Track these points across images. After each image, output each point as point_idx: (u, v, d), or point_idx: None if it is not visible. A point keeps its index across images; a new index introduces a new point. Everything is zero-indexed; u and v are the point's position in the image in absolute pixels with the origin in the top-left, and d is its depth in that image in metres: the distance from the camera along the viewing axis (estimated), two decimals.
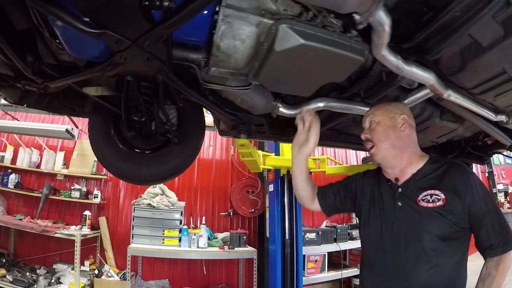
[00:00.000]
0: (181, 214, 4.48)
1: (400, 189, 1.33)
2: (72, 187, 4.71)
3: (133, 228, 4.28)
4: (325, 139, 2.45)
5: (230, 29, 1.11)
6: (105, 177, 4.91)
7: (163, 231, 4.31)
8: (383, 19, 0.98)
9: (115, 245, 4.71)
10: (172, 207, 4.53)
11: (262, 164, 3.93)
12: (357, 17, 1.00)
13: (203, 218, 4.69)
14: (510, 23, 0.98)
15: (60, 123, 4.91)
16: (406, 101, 1.57)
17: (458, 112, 1.73)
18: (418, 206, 1.25)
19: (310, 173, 4.80)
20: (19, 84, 1.57)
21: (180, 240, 4.34)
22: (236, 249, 4.43)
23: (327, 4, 1.00)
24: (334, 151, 6.20)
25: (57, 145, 5.12)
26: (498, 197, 8.60)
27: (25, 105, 1.84)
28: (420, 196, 1.26)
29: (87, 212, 4.48)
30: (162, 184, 4.72)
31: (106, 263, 4.45)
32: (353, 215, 6.16)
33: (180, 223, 4.42)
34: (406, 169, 1.36)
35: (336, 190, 1.59)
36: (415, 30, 1.14)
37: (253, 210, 5.24)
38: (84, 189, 4.77)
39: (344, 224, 5.58)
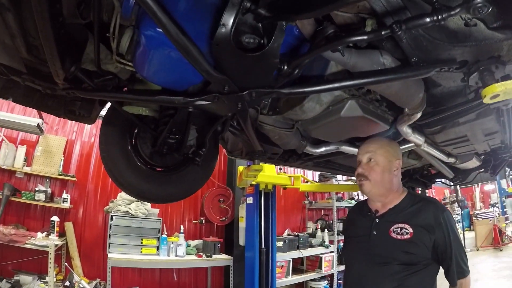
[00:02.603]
0: (160, 223, 4.42)
1: (377, 220, 1.56)
2: (36, 188, 4.30)
3: (110, 237, 4.11)
4: (316, 166, 2.91)
5: (319, 96, 1.46)
6: (73, 178, 4.59)
7: (141, 240, 4.23)
8: (418, 115, 1.55)
9: (82, 252, 4.46)
10: (149, 215, 4.45)
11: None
12: (406, 110, 1.53)
13: (181, 227, 4.69)
14: (481, 113, 1.59)
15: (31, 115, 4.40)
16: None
17: (421, 154, 2.37)
18: (389, 237, 1.47)
19: (285, 188, 5.20)
20: (18, 78, 1.40)
21: (158, 248, 4.30)
22: (213, 256, 4.54)
23: (401, 103, 1.46)
24: (306, 171, 6.59)
25: (17, 137, 4.57)
26: None
27: (10, 99, 1.65)
28: (392, 228, 1.48)
29: (55, 218, 4.16)
30: None
31: (74, 272, 4.20)
32: (308, 224, 6.74)
33: (158, 231, 4.38)
34: (386, 205, 1.58)
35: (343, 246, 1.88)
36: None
37: (224, 218, 5.39)
38: (49, 191, 4.40)
39: (305, 233, 6.06)
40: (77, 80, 1.38)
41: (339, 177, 6.21)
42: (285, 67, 1.16)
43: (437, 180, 4.01)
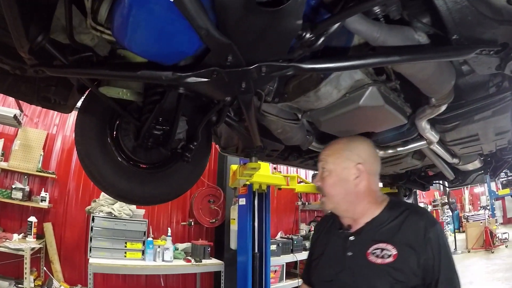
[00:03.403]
0: (146, 225, 4.15)
1: (352, 237, 1.22)
2: (13, 186, 3.97)
3: (91, 240, 3.81)
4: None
5: (338, 78, 1.23)
6: (53, 175, 4.28)
7: (125, 243, 3.95)
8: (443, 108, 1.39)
9: (62, 255, 4.16)
10: (133, 217, 4.17)
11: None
12: (433, 100, 1.35)
13: (168, 229, 4.43)
14: (497, 111, 1.47)
15: (7, 105, 4.10)
16: (406, 147, 1.87)
17: (427, 154, 2.20)
18: (367, 260, 1.13)
19: (279, 189, 4.99)
20: None
21: (143, 253, 4.03)
22: (203, 261, 4.30)
23: (430, 91, 1.27)
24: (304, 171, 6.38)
25: None
26: None
27: None
28: (371, 249, 1.14)
29: (32, 218, 3.85)
30: None
31: (54, 277, 3.90)
32: (301, 225, 6.57)
33: (144, 234, 4.11)
34: (359, 219, 1.23)
35: (308, 258, 1.50)
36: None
37: (214, 220, 5.15)
38: (27, 188, 4.08)
39: (299, 235, 5.88)
40: (47, 55, 1.14)
41: None
42: (307, 34, 0.90)
43: (435, 182, 3.93)
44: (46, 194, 4.09)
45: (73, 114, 1.75)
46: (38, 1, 0.99)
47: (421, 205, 11.14)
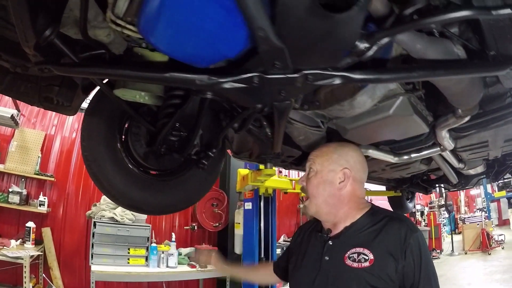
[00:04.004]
0: (150, 231, 4.02)
1: (330, 242, 1.21)
2: (10, 189, 3.80)
3: (92, 247, 3.66)
4: None
5: (374, 88, 1.20)
6: (52, 178, 4.12)
7: (128, 249, 3.81)
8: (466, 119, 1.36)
9: (62, 262, 4.01)
10: (136, 222, 4.03)
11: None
12: (460, 111, 1.31)
13: (172, 234, 4.30)
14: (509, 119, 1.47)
15: (3, 105, 3.94)
16: (419, 154, 1.82)
17: (435, 159, 2.20)
18: (343, 264, 1.12)
19: (285, 192, 4.91)
20: None
21: (146, 259, 3.90)
22: (208, 267, 4.18)
23: (459, 102, 1.25)
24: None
25: None
26: (416, 216, 10.13)
27: None
28: (348, 253, 1.13)
29: (30, 224, 3.70)
30: None
31: (53, 284, 3.75)
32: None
33: (147, 240, 3.97)
34: (338, 224, 1.22)
35: (285, 256, 1.49)
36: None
37: (217, 224, 5.04)
38: (25, 192, 3.92)
39: None
40: (54, 51, 1.03)
41: None
42: (363, 44, 0.84)
43: (438, 185, 3.91)
44: (44, 198, 3.94)
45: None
46: None
47: (418, 207, 11.23)
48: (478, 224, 10.52)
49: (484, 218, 11.09)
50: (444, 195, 10.59)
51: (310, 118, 1.56)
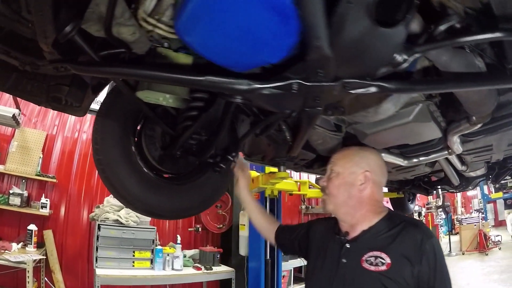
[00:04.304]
0: (155, 233, 3.95)
1: (348, 245, 1.24)
2: (10, 191, 3.69)
3: (97, 250, 3.57)
4: None
5: (399, 96, 1.22)
6: (53, 179, 4.02)
7: (133, 252, 3.73)
8: (479, 125, 1.39)
9: (64, 265, 3.91)
10: (140, 224, 3.95)
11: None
12: (474, 118, 1.34)
13: (177, 236, 4.23)
14: None
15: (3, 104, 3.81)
16: (428, 157, 1.86)
17: (439, 162, 2.26)
18: (361, 267, 1.15)
19: (291, 194, 4.87)
20: None
21: (152, 262, 3.83)
22: (213, 269, 4.14)
23: (475, 110, 1.29)
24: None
25: None
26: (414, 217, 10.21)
27: None
28: (365, 256, 1.16)
29: (32, 227, 3.59)
30: None
31: None
32: None
33: (153, 242, 3.90)
34: (356, 226, 1.26)
35: (295, 232, 1.54)
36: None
37: (221, 225, 5.00)
38: (26, 193, 3.81)
39: None
40: (71, 49, 0.99)
41: None
42: (402, 56, 0.88)
43: (439, 187, 3.97)
44: (47, 201, 3.84)
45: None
46: None
47: (416, 208, 11.29)
48: (475, 225, 10.63)
49: (481, 219, 11.20)
50: (441, 196, 10.68)
51: (329, 123, 1.59)
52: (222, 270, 4.24)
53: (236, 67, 0.94)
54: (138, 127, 1.54)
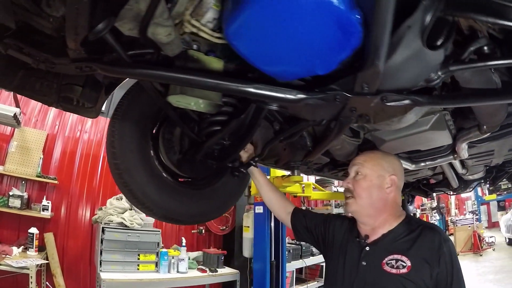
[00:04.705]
0: (160, 235, 3.88)
1: (367, 248, 1.29)
2: (10, 193, 3.57)
3: (101, 254, 3.47)
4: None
5: (421, 107, 1.22)
6: (54, 181, 3.92)
7: (138, 255, 3.65)
8: (488, 134, 1.44)
9: (65, 268, 3.81)
10: (144, 227, 3.87)
11: None
12: (485, 127, 1.40)
13: (182, 239, 4.16)
14: None
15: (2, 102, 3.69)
16: (435, 161, 1.92)
17: (441, 165, 2.32)
18: (382, 270, 1.20)
19: (295, 196, 4.86)
20: None
21: (156, 265, 3.75)
22: (218, 271, 4.11)
23: (486, 120, 1.36)
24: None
25: None
26: None
27: None
28: (386, 259, 1.21)
29: (33, 230, 3.48)
30: None
31: None
32: None
33: (158, 245, 3.83)
34: (377, 229, 1.30)
35: (312, 221, 1.56)
36: None
37: (224, 227, 4.97)
38: (26, 195, 3.70)
39: None
40: (97, 48, 0.97)
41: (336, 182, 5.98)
42: (437, 74, 0.95)
43: (437, 189, 4.04)
44: (48, 203, 3.74)
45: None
46: None
47: (410, 208, 11.39)
48: (469, 226, 10.82)
49: (475, 220, 11.41)
50: (436, 198, 10.82)
51: (348, 129, 1.59)
52: (227, 272, 4.21)
53: (282, 76, 0.94)
54: (155, 131, 1.51)
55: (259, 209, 4.19)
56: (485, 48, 0.94)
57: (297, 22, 0.73)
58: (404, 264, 1.17)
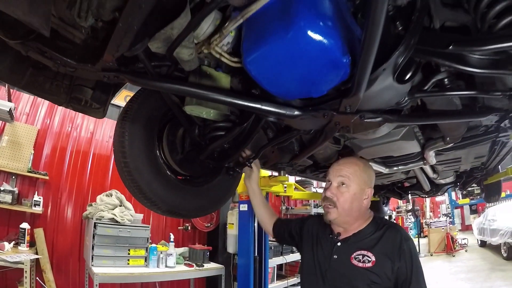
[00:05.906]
0: (149, 231, 4.01)
1: (339, 243, 1.46)
2: (1, 188, 3.59)
3: (93, 249, 3.58)
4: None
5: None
6: (45, 176, 3.96)
7: (129, 250, 3.77)
8: (451, 144, 1.66)
9: (54, 263, 3.87)
10: (134, 222, 3.99)
11: None
12: (448, 139, 1.62)
13: (171, 235, 4.30)
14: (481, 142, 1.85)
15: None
16: (407, 166, 2.17)
17: (414, 170, 2.57)
18: (350, 263, 1.37)
19: (277, 195, 5.06)
20: (20, 47, 1.01)
21: (146, 259, 3.89)
22: (205, 265, 4.27)
23: (449, 133, 1.57)
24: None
25: None
26: None
27: None
28: (354, 254, 1.38)
29: (25, 225, 3.53)
30: (119, 193, 4.14)
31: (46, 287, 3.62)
32: None
33: (147, 241, 3.96)
34: (349, 229, 1.48)
35: (290, 225, 1.78)
36: None
37: (209, 224, 5.12)
38: (16, 190, 3.73)
39: None
40: (125, 60, 1.07)
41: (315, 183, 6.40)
42: (405, 99, 1.18)
43: (410, 192, 4.31)
44: (40, 198, 3.78)
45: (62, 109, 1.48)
46: (167, 2, 0.87)
47: (386, 209, 11.76)
48: (443, 229, 11.24)
49: (449, 223, 11.86)
50: (411, 200, 11.22)
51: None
52: (212, 267, 4.37)
53: (283, 96, 1.16)
54: (161, 132, 1.65)
55: (244, 207, 4.34)
56: (446, 80, 1.16)
57: (303, 59, 0.93)
58: (370, 259, 1.34)
